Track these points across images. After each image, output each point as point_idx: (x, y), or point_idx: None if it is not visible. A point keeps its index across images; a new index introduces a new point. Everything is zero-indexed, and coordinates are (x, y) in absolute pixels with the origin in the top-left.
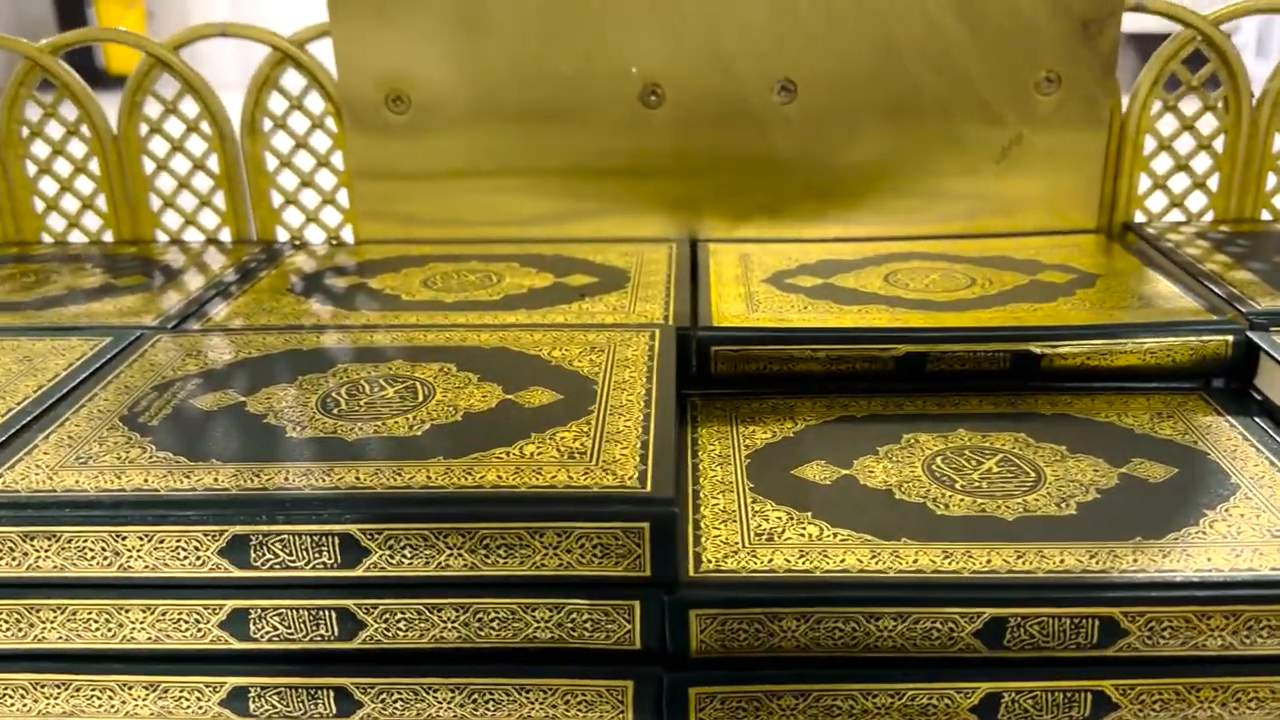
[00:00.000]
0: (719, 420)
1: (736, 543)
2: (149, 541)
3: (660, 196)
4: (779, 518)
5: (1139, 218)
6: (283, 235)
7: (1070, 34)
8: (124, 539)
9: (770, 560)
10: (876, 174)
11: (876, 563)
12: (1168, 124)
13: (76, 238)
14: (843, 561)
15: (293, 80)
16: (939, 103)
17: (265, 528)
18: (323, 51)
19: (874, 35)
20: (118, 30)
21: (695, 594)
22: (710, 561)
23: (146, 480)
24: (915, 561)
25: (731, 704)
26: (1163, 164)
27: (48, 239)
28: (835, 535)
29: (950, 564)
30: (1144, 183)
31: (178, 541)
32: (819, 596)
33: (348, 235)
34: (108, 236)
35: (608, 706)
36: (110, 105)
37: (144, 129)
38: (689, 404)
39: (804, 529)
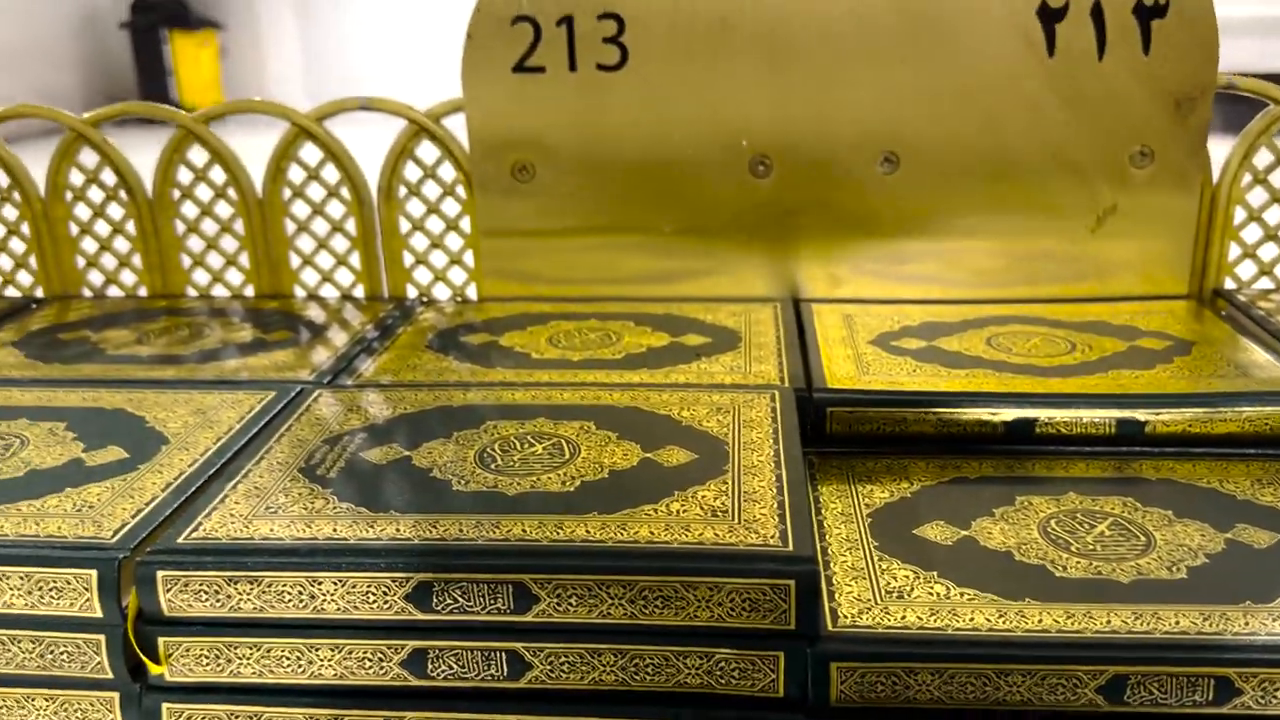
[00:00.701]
0: (837, 478)
1: (869, 599)
2: (342, 586)
3: (765, 257)
4: (906, 576)
5: (1229, 284)
6: (411, 291)
7: (1163, 111)
8: (319, 584)
9: (903, 617)
10: (975, 240)
11: (1004, 622)
12: (1258, 196)
13: (218, 291)
14: (972, 620)
15: (427, 151)
16: (1036, 174)
17: (447, 575)
18: (455, 123)
19: (975, 111)
20: (263, 101)
21: (835, 648)
22: (846, 617)
23: (335, 529)
24: (1040, 621)
25: None
26: (1253, 233)
27: (192, 292)
28: (962, 595)
29: (1073, 624)
30: (1234, 250)
31: (368, 587)
32: (952, 653)
33: (471, 292)
34: (248, 291)
35: None
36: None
37: (286, 192)
38: (807, 461)
39: (931, 588)
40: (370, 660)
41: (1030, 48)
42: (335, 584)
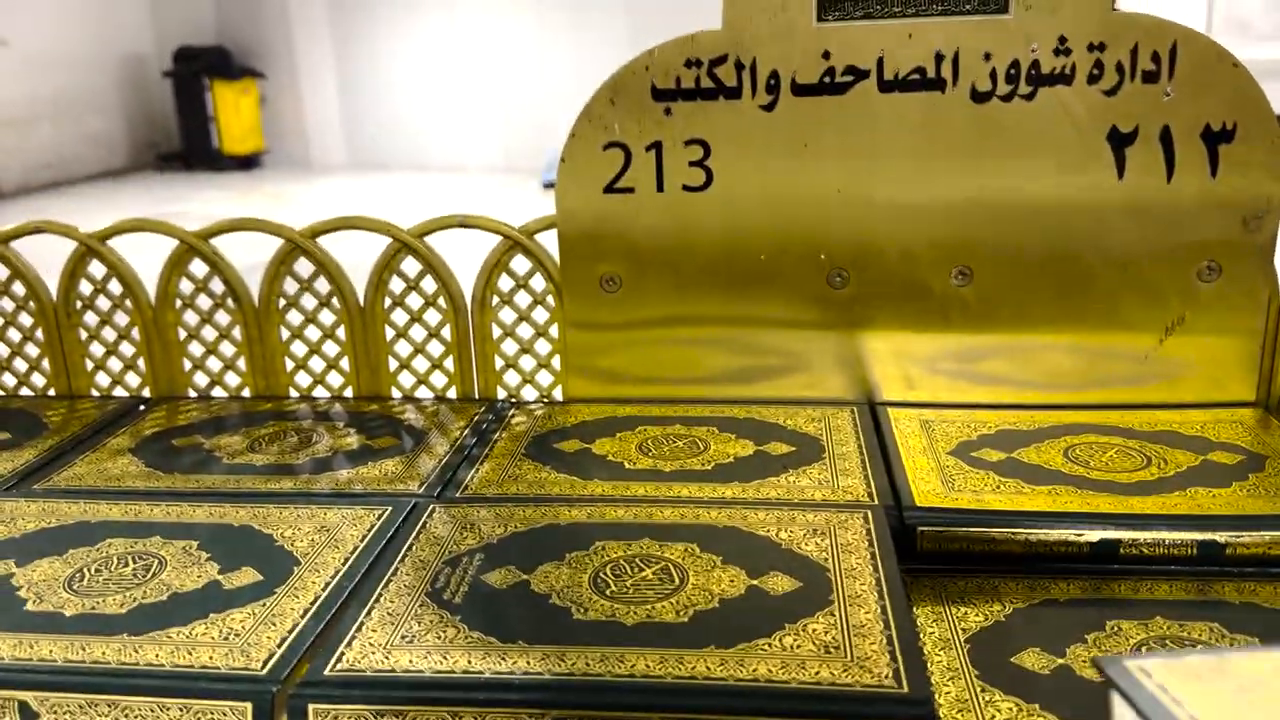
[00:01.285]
0: (930, 598)
1: None
2: None
3: (842, 359)
4: (1009, 708)
5: None
6: (500, 393)
7: (1231, 227)
8: (460, 718)
9: None
10: (1046, 348)
11: None
12: None
13: (319, 392)
14: None
15: (519, 262)
16: (1106, 286)
17: (579, 713)
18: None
19: (1047, 226)
20: (366, 218)
21: None
22: None
23: (470, 662)
24: None
25: None
26: None
27: (294, 393)
28: None
29: None
30: None
31: None
32: None
33: (557, 394)
34: (348, 392)
35: None
36: (224, 184)
37: (387, 301)
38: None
39: None
40: None
41: (1101, 169)
42: (474, 718)
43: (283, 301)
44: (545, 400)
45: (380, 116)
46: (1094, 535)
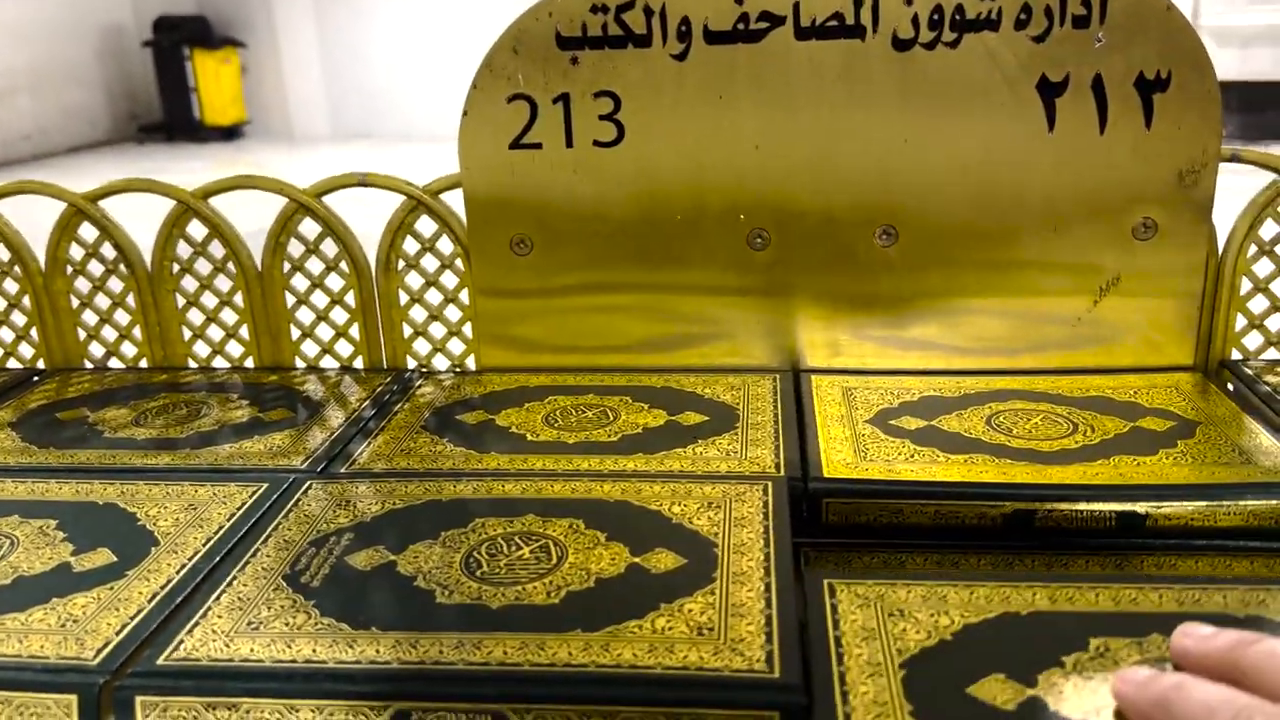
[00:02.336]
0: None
1: None
2: (320, 714)
3: (764, 325)
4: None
5: (1235, 355)
6: (410, 362)
7: (1167, 182)
8: (297, 711)
9: None
10: (975, 311)
11: None
12: (1264, 267)
13: (219, 364)
14: None
15: (425, 225)
16: (1037, 246)
17: (424, 705)
18: (452, 198)
19: (974, 182)
20: (263, 177)
21: None
22: None
23: (315, 650)
24: None
25: None
26: (1259, 304)
27: (193, 364)
28: None
29: None
30: (1240, 321)
31: (346, 715)
32: None
33: (470, 363)
34: (249, 362)
35: None
36: (206, 155)
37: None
38: (801, 553)
39: None
40: None
41: (1031, 121)
42: (313, 711)
43: (176, 267)
44: (457, 370)
45: (363, 86)
46: (1008, 507)
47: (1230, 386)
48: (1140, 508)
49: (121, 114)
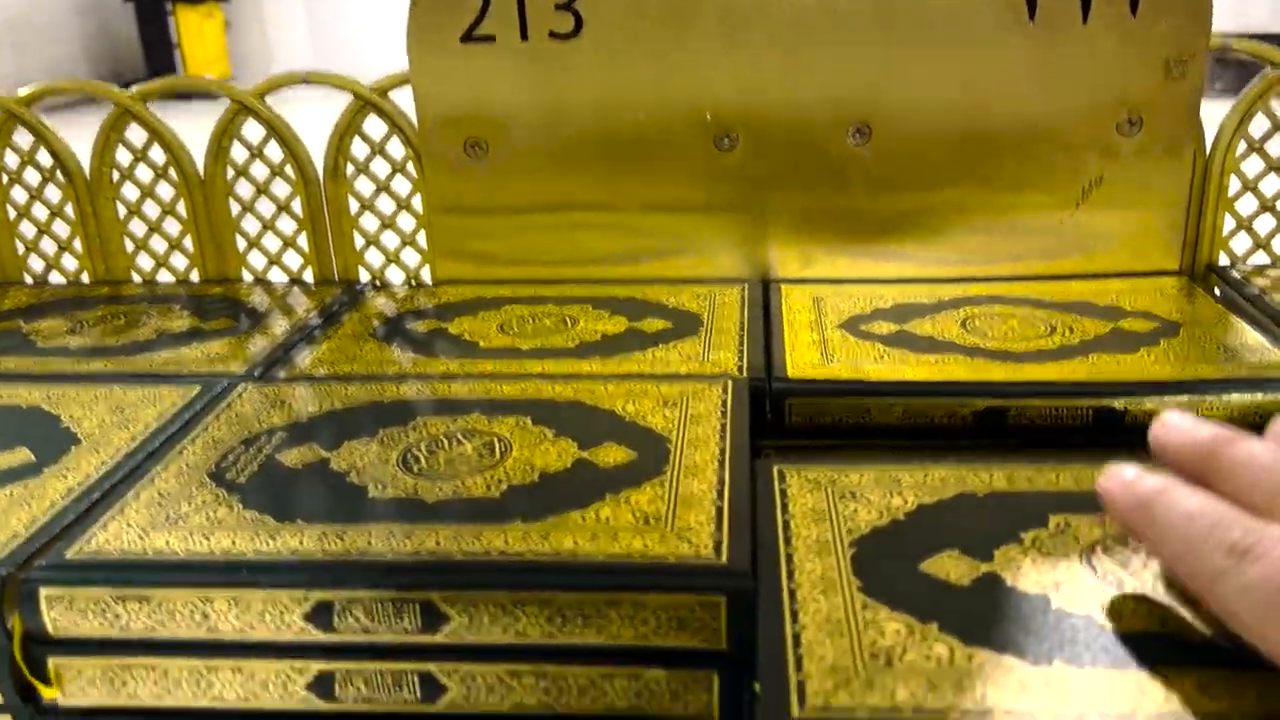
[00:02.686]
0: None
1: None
2: (236, 605)
3: (733, 236)
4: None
5: (1223, 259)
6: (364, 275)
7: (1153, 75)
8: (212, 602)
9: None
10: (953, 214)
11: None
12: (1253, 165)
13: (164, 277)
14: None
15: (375, 126)
16: (1017, 144)
17: (349, 593)
18: (404, 98)
19: (951, 79)
20: (204, 78)
21: None
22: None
23: (234, 543)
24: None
25: None
26: (1248, 205)
27: (136, 278)
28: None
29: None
30: (1228, 223)
31: (264, 606)
32: None
33: (426, 276)
34: (194, 276)
35: None
36: (190, 110)
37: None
38: (764, 454)
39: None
40: (274, 683)
41: (1010, 8)
42: (229, 602)
43: (116, 175)
44: (412, 283)
45: (350, 40)
46: (979, 405)
47: (1217, 291)
48: (1118, 404)
49: (105, 71)
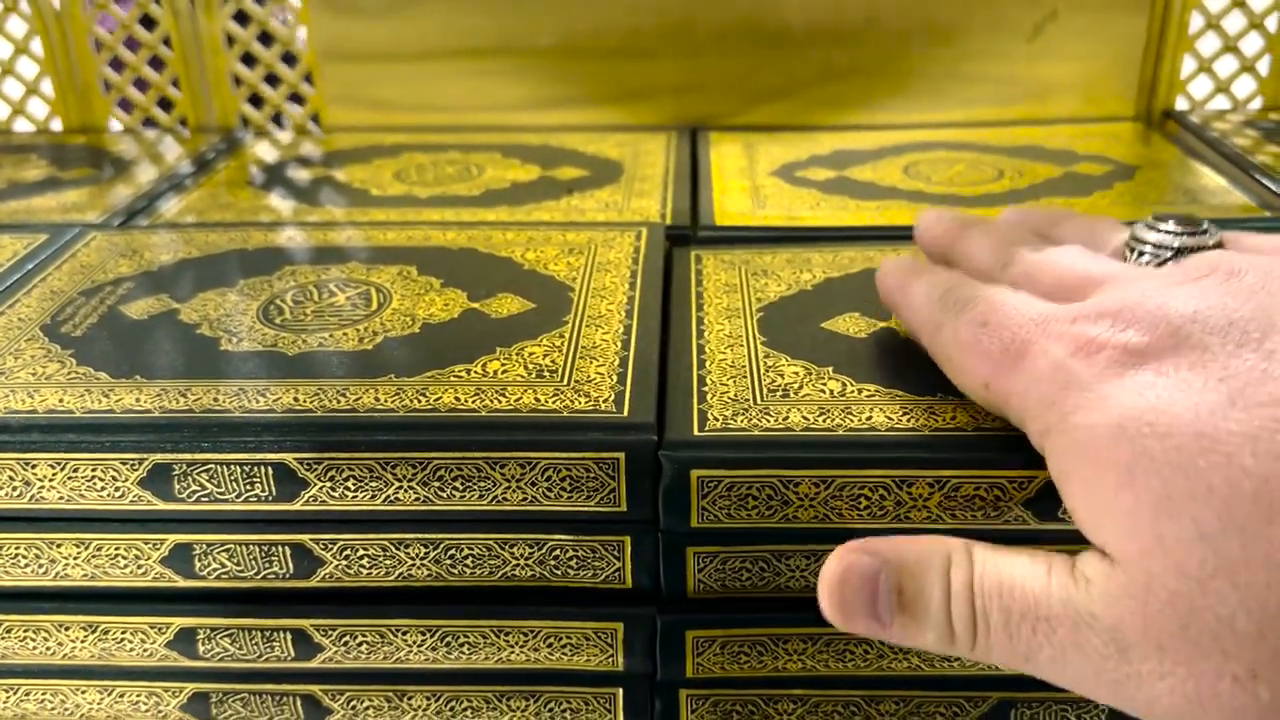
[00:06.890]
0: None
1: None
2: (61, 470)
3: (658, 81)
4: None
5: (1181, 104)
6: (243, 124)
7: None
8: (33, 467)
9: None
10: (896, 56)
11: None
12: (1216, 1)
13: (23, 126)
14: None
15: None
16: None
17: (189, 456)
18: None
19: None
20: None
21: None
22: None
23: (61, 400)
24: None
25: (733, 648)
26: (1209, 45)
27: None
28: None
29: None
30: (1187, 66)
31: (93, 471)
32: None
33: (314, 128)
34: (56, 125)
35: (595, 650)
36: None
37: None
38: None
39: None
40: (124, 558)
41: None
42: (53, 467)
43: None
44: (300, 131)
45: None
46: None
47: (1174, 136)
48: None
49: None
